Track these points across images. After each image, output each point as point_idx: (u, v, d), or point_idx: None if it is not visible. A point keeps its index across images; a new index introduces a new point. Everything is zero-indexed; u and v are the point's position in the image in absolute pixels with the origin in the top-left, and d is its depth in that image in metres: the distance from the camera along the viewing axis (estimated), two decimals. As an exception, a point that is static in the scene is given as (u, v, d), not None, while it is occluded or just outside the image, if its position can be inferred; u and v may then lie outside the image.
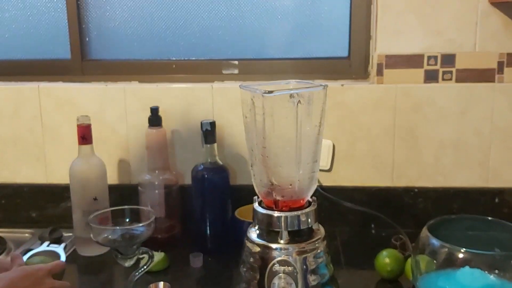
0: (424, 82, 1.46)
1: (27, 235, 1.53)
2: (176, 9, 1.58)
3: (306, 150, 1.07)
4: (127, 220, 1.18)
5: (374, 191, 1.52)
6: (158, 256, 1.27)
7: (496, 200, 1.49)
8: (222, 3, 1.56)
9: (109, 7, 1.60)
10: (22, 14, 1.63)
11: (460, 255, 1.00)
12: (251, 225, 1.11)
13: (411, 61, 1.46)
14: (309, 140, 1.07)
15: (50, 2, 1.61)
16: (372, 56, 1.49)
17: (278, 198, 1.07)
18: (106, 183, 1.40)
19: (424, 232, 1.07)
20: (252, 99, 1.05)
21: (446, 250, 1.01)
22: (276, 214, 1.05)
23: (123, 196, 1.53)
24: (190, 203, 1.42)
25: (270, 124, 1.03)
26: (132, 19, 1.60)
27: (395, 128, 1.49)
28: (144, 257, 1.13)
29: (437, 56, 1.45)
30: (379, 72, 1.47)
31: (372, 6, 1.47)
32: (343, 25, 1.54)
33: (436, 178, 1.51)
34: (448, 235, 1.05)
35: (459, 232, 1.10)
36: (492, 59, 1.44)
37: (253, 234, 1.09)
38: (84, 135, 1.35)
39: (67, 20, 1.60)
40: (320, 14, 1.54)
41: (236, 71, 1.58)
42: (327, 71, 1.54)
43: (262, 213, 1.07)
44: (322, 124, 1.09)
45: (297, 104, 1.03)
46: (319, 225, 1.11)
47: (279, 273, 1.02)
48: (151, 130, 1.43)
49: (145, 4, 1.59)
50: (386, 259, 1.21)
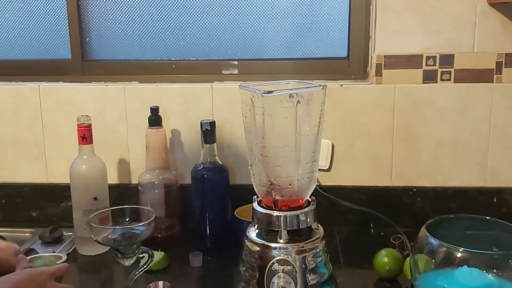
0: (423, 82, 1.47)
1: (27, 234, 1.53)
2: (176, 9, 1.58)
3: (305, 150, 1.07)
4: (127, 219, 1.18)
5: (373, 191, 1.52)
6: (158, 255, 1.27)
7: (494, 200, 1.49)
8: (222, 3, 1.57)
9: (109, 7, 1.60)
10: (22, 14, 1.64)
11: (459, 255, 1.00)
12: (251, 224, 1.12)
13: (410, 61, 1.46)
14: (308, 140, 1.07)
15: (50, 3, 1.61)
16: (371, 56, 1.50)
17: (278, 197, 1.07)
18: (106, 182, 1.41)
19: (423, 231, 1.07)
20: (251, 99, 1.05)
21: (445, 249, 1.02)
22: (275, 213, 1.05)
23: (123, 195, 1.54)
24: (190, 202, 1.42)
25: (269, 124, 1.03)
26: (132, 20, 1.60)
27: (394, 128, 1.50)
28: (144, 256, 1.13)
29: (435, 56, 1.45)
30: (378, 72, 1.48)
31: (371, 6, 1.48)
32: (342, 25, 1.54)
33: (434, 178, 1.51)
34: (446, 235, 1.05)
35: (458, 232, 1.10)
36: (490, 60, 1.44)
37: (252, 233, 1.09)
38: (85, 135, 1.36)
39: (67, 21, 1.60)
40: (319, 14, 1.55)
41: (235, 71, 1.58)
42: (326, 71, 1.55)
43: (261, 212, 1.07)
44: (321, 124, 1.09)
45: (296, 104, 1.03)
46: (318, 224, 1.11)
47: (279, 272, 1.02)
48: (151, 130, 1.44)
49: (145, 5, 1.59)
50: (384, 258, 1.22)
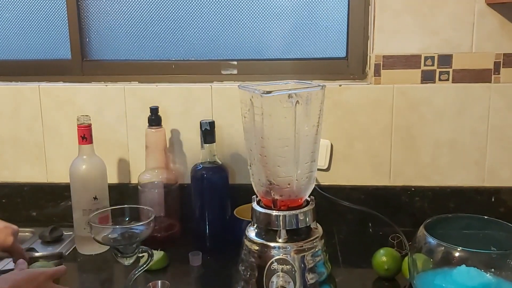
0: (421, 83, 1.47)
1: (27, 234, 1.53)
2: (176, 10, 1.59)
3: (304, 150, 1.08)
4: (127, 219, 1.18)
5: (372, 190, 1.52)
6: (158, 254, 1.27)
7: (492, 199, 1.50)
8: (221, 4, 1.57)
9: (109, 8, 1.60)
10: (22, 14, 1.64)
11: (457, 254, 1.00)
12: (250, 224, 1.12)
13: (408, 61, 1.46)
14: (307, 140, 1.08)
15: (50, 3, 1.62)
16: (369, 56, 1.50)
17: (277, 197, 1.07)
18: (106, 182, 1.41)
19: (421, 231, 1.07)
20: (250, 99, 1.05)
21: (443, 248, 1.02)
22: (274, 213, 1.06)
23: (123, 195, 1.54)
24: (190, 202, 1.43)
25: (268, 124, 1.03)
26: (132, 20, 1.61)
27: (393, 128, 1.50)
28: (143, 255, 1.14)
29: (434, 56, 1.46)
30: (377, 73, 1.48)
31: (369, 7, 1.48)
32: (341, 25, 1.55)
33: (433, 178, 1.52)
34: (444, 234, 1.06)
35: (456, 231, 1.11)
36: (488, 60, 1.45)
37: (251, 233, 1.09)
38: (84, 134, 1.36)
39: (67, 21, 1.61)
40: (318, 14, 1.55)
41: (235, 72, 1.58)
42: (325, 72, 1.55)
43: (260, 212, 1.07)
44: (320, 124, 1.09)
45: (295, 104, 1.04)
46: (317, 224, 1.11)
47: (278, 271, 1.03)
48: (150, 129, 1.44)
49: (145, 5, 1.59)
50: (383, 257, 1.22)
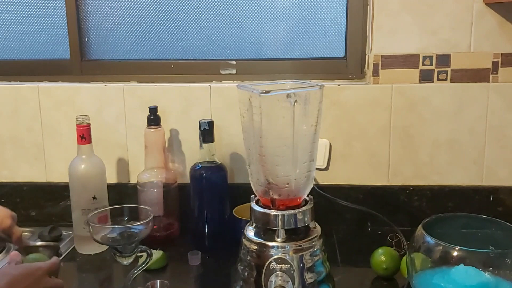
0: (420, 82, 1.47)
1: (26, 233, 1.52)
2: (175, 9, 1.59)
3: (302, 150, 1.08)
4: (126, 218, 1.19)
5: (370, 190, 1.53)
6: (157, 254, 1.28)
7: (490, 199, 1.50)
8: (220, 4, 1.57)
9: (108, 7, 1.60)
10: (21, 14, 1.64)
11: (455, 253, 1.00)
12: (248, 223, 1.12)
13: (407, 61, 1.47)
14: (305, 139, 1.08)
15: (49, 3, 1.62)
16: (368, 56, 1.50)
17: (275, 197, 1.07)
18: (105, 182, 1.41)
19: (419, 230, 1.07)
20: (249, 99, 1.05)
21: (441, 248, 1.02)
22: (273, 212, 1.06)
23: (122, 195, 1.54)
24: (189, 201, 1.43)
25: (267, 124, 1.03)
26: (130, 20, 1.61)
27: (391, 128, 1.50)
28: (142, 255, 1.13)
29: (432, 56, 1.46)
30: (375, 72, 1.48)
31: (368, 6, 1.48)
32: (339, 25, 1.55)
33: (431, 177, 1.52)
34: (443, 233, 1.06)
35: (454, 230, 1.11)
36: (486, 59, 1.45)
37: (250, 232, 1.09)
38: (83, 134, 1.36)
39: (66, 21, 1.61)
40: (316, 14, 1.55)
41: (234, 71, 1.58)
42: (323, 71, 1.55)
43: (259, 211, 1.08)
44: (319, 123, 1.09)
45: (293, 104, 1.04)
46: (316, 223, 1.12)
47: (276, 271, 1.03)
48: (149, 129, 1.44)
49: (143, 5, 1.59)
50: (381, 256, 1.22)
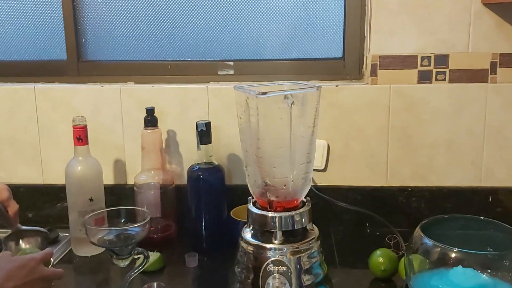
0: (418, 83, 1.47)
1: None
2: (172, 10, 1.58)
3: (300, 151, 1.08)
4: (123, 220, 1.18)
5: (368, 191, 1.52)
6: (154, 256, 1.27)
7: (489, 199, 1.50)
8: (218, 4, 1.57)
9: (105, 8, 1.60)
10: (18, 15, 1.63)
11: (453, 255, 1.00)
12: (246, 225, 1.12)
13: (405, 61, 1.46)
14: (303, 141, 1.08)
15: (46, 3, 1.61)
16: (366, 56, 1.50)
17: (272, 198, 1.07)
18: (102, 183, 1.41)
19: (417, 231, 1.07)
20: (246, 100, 1.05)
21: (439, 249, 1.02)
22: (270, 214, 1.06)
23: (119, 196, 1.54)
24: (186, 203, 1.42)
25: (264, 125, 1.03)
26: (127, 21, 1.60)
27: (389, 128, 1.50)
28: (139, 257, 1.13)
29: (430, 56, 1.46)
30: (373, 73, 1.48)
31: (366, 7, 1.48)
32: (337, 26, 1.54)
33: (429, 178, 1.52)
34: (441, 235, 1.05)
35: (452, 232, 1.10)
36: (485, 60, 1.45)
37: (247, 234, 1.09)
38: (80, 135, 1.36)
39: (63, 21, 1.60)
40: (314, 15, 1.55)
41: (231, 72, 1.58)
42: (321, 72, 1.55)
43: (256, 213, 1.08)
44: (316, 125, 1.09)
45: (291, 105, 1.04)
46: (313, 225, 1.12)
47: (273, 273, 1.03)
48: (146, 130, 1.44)
49: (140, 6, 1.59)
50: (380, 258, 1.22)
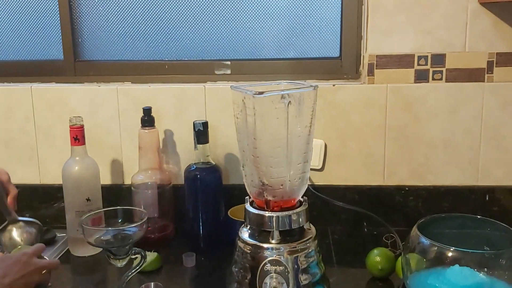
0: (415, 82, 1.47)
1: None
2: (169, 10, 1.58)
3: (297, 151, 1.08)
4: (120, 220, 1.18)
5: (366, 190, 1.52)
6: (151, 256, 1.27)
7: (486, 198, 1.50)
8: (215, 4, 1.57)
9: (101, 8, 1.60)
10: (14, 15, 1.63)
11: (450, 254, 1.01)
12: (243, 225, 1.12)
13: (402, 61, 1.46)
14: (299, 140, 1.08)
15: (42, 3, 1.61)
16: (363, 56, 1.50)
17: (269, 198, 1.07)
18: (99, 183, 1.40)
19: (414, 231, 1.07)
20: (243, 100, 1.05)
21: (436, 248, 1.02)
22: (267, 214, 1.06)
23: (116, 196, 1.53)
24: (183, 203, 1.42)
25: (261, 125, 1.03)
26: (124, 20, 1.60)
27: (386, 128, 1.50)
28: (136, 257, 1.13)
29: (427, 56, 1.46)
30: (370, 72, 1.48)
31: (363, 6, 1.48)
32: (334, 25, 1.54)
33: (426, 177, 1.52)
34: (438, 234, 1.06)
35: (449, 231, 1.11)
36: (481, 59, 1.45)
37: (244, 234, 1.09)
38: (77, 136, 1.35)
39: (59, 21, 1.60)
40: (311, 14, 1.55)
41: (228, 72, 1.58)
42: (318, 71, 1.55)
43: (253, 213, 1.07)
44: (313, 124, 1.09)
45: (287, 105, 1.04)
46: (310, 224, 1.12)
47: (271, 272, 1.03)
48: (143, 130, 1.43)
49: (137, 5, 1.59)
50: (377, 257, 1.22)
